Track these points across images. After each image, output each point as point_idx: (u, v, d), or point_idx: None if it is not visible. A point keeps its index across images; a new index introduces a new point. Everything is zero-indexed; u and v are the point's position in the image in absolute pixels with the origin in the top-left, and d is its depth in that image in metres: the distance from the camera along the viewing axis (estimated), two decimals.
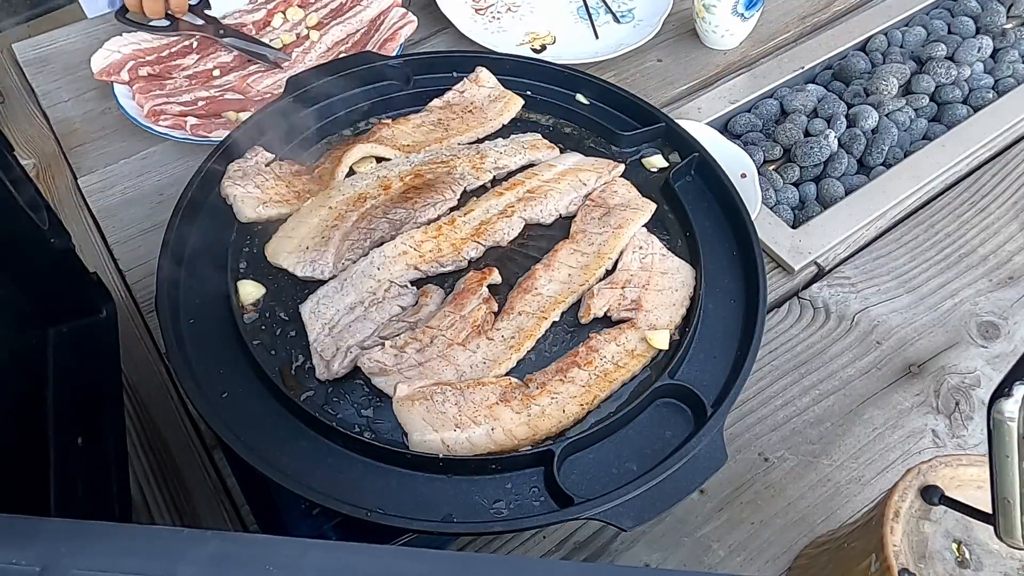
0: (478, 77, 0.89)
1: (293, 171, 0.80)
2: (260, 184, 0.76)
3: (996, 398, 0.46)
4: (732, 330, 0.70)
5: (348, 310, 0.69)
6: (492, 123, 0.85)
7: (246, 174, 0.77)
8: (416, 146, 0.82)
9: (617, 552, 0.75)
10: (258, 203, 0.75)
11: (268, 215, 0.75)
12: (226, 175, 0.76)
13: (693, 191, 0.80)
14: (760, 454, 0.81)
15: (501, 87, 0.89)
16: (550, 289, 0.71)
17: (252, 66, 1.16)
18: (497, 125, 0.85)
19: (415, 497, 0.59)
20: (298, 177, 0.79)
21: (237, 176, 0.76)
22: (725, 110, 1.14)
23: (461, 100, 0.88)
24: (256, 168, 0.78)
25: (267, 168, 0.78)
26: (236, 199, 0.74)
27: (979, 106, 1.14)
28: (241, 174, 0.77)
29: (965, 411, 0.84)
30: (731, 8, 1.17)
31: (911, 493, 0.58)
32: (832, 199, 1.04)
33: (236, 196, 0.75)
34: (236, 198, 0.75)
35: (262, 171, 0.78)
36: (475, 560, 0.40)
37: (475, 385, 0.63)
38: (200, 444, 0.83)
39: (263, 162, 0.79)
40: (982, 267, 0.97)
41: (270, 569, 0.36)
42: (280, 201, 0.76)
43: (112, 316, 0.81)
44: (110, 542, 0.37)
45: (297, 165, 0.81)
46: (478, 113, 0.86)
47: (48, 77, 1.21)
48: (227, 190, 0.75)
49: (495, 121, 0.85)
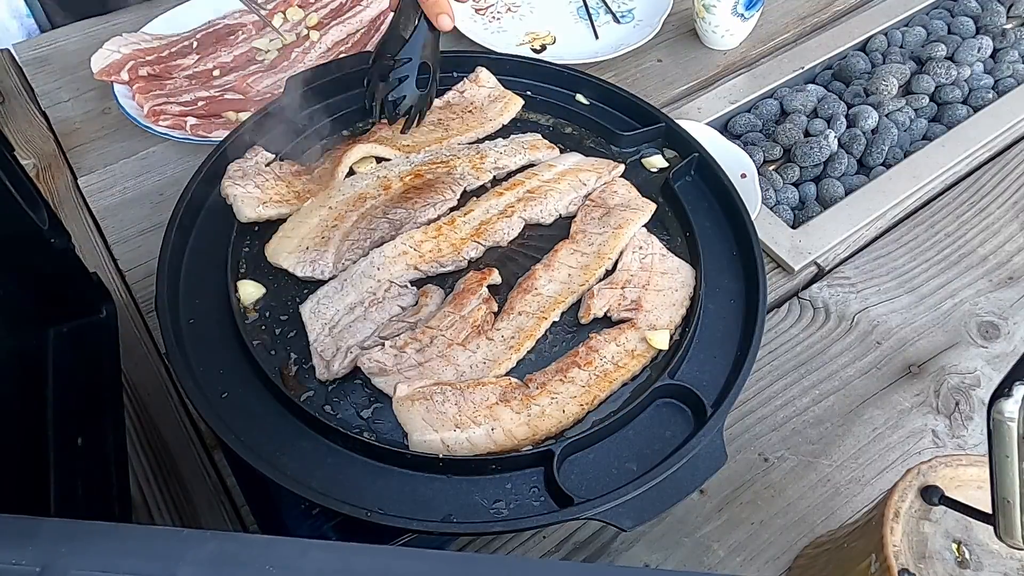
0: (478, 77, 0.89)
1: (293, 171, 0.80)
2: (260, 184, 0.76)
3: (996, 398, 0.46)
4: (732, 330, 0.70)
5: (348, 310, 0.69)
6: (492, 123, 0.85)
7: (246, 174, 0.77)
8: (416, 146, 0.82)
9: (617, 552, 0.75)
10: (258, 203, 0.75)
11: (268, 215, 0.75)
12: (226, 175, 0.76)
13: (693, 191, 0.80)
14: (760, 454, 0.81)
15: (501, 87, 0.89)
16: (550, 289, 0.71)
17: (252, 66, 1.16)
18: (497, 125, 0.85)
19: (415, 497, 0.59)
20: (298, 177, 0.79)
21: (237, 176, 0.76)
22: (725, 110, 1.14)
23: (461, 100, 0.88)
24: (256, 168, 0.78)
25: (267, 168, 0.78)
26: (236, 199, 0.74)
27: (979, 106, 1.14)
28: (241, 174, 0.77)
29: (965, 411, 0.84)
30: (731, 8, 1.17)
31: (911, 493, 0.58)
32: (832, 199, 1.04)
33: (236, 196, 0.75)
34: (236, 198, 0.74)
35: (262, 171, 0.78)
36: (475, 560, 0.40)
37: (475, 385, 0.63)
38: (200, 444, 0.83)
39: (263, 162, 0.79)
40: (982, 267, 0.97)
41: (270, 569, 0.36)
42: (280, 201, 0.76)
43: (112, 316, 0.81)
44: (110, 542, 0.37)
45: (297, 165, 0.81)
46: (478, 113, 0.86)
47: (48, 77, 1.21)
48: (227, 190, 0.75)
49: (495, 121, 0.85)
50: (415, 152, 0.82)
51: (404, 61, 0.81)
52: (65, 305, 0.76)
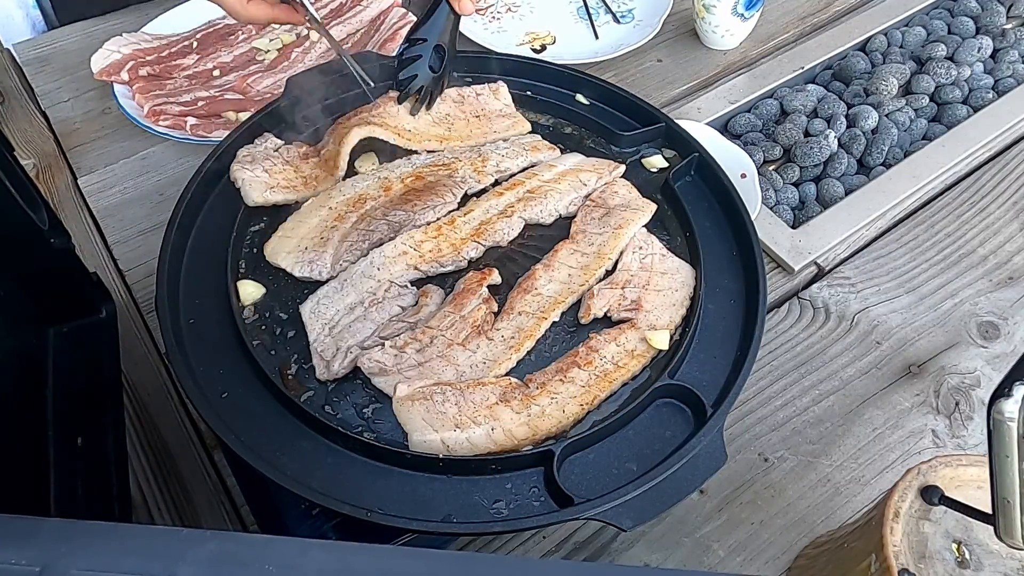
0: (497, 90, 0.88)
1: (301, 154, 0.80)
2: (268, 169, 0.77)
3: (996, 398, 0.46)
4: (732, 330, 0.70)
5: (348, 310, 0.69)
6: (494, 135, 0.85)
7: (255, 159, 0.77)
8: (416, 135, 0.81)
9: (617, 552, 0.75)
10: (265, 188, 0.75)
11: (275, 200, 0.76)
12: (236, 159, 0.77)
13: (693, 191, 0.80)
14: (760, 454, 0.81)
15: (514, 108, 0.88)
16: (550, 289, 0.71)
17: (252, 66, 1.16)
18: (497, 140, 0.85)
19: (415, 497, 0.59)
20: (305, 161, 0.80)
21: (246, 160, 0.77)
22: (725, 110, 1.14)
23: (474, 103, 0.87)
24: (265, 153, 0.79)
25: (275, 153, 0.79)
26: (244, 183, 0.75)
27: (979, 106, 1.14)
28: (250, 159, 0.77)
29: (965, 411, 0.84)
30: (731, 8, 1.17)
31: (911, 493, 0.58)
32: (832, 199, 1.04)
33: (244, 180, 0.75)
34: (244, 182, 0.75)
35: (271, 156, 0.78)
36: (475, 560, 0.40)
37: (475, 385, 0.63)
38: (200, 444, 0.83)
39: (272, 147, 0.80)
40: (982, 267, 0.97)
41: (270, 569, 0.36)
42: (287, 187, 0.77)
43: (112, 316, 0.81)
44: (110, 542, 0.37)
45: (305, 147, 0.81)
46: (484, 123, 0.85)
47: (48, 77, 1.21)
48: (235, 174, 0.76)
49: (498, 135, 0.85)
50: (414, 140, 0.81)
51: (419, 41, 0.80)
52: (65, 305, 0.76)
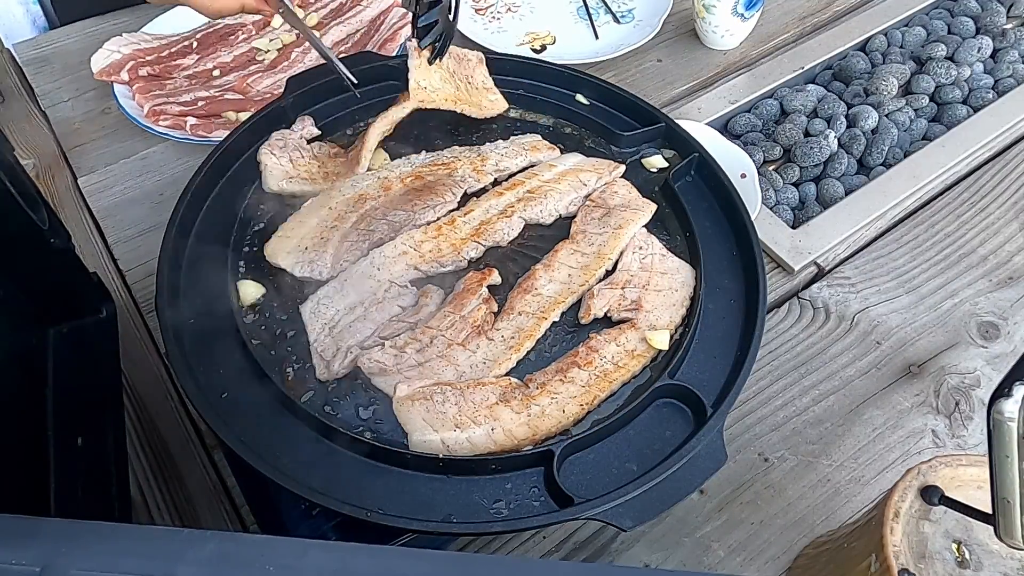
0: (480, 62, 0.87)
1: (331, 152, 0.80)
2: (294, 159, 0.77)
3: (996, 398, 0.46)
4: (732, 330, 0.70)
5: (348, 310, 0.69)
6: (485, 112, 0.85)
7: (286, 145, 0.77)
8: (430, 97, 0.80)
9: (617, 552, 0.75)
10: (284, 177, 0.76)
11: (291, 190, 0.76)
12: (267, 141, 0.77)
13: (693, 191, 0.80)
14: (760, 454, 0.81)
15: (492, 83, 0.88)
16: (550, 289, 0.71)
17: (252, 66, 1.16)
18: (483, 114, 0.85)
19: (415, 497, 0.59)
20: (333, 160, 0.80)
21: (277, 145, 0.77)
22: (725, 110, 1.14)
23: (467, 68, 0.87)
24: (297, 142, 0.78)
25: (308, 145, 0.79)
26: (266, 168, 0.76)
27: (979, 106, 1.14)
28: (282, 144, 0.77)
29: (965, 411, 0.84)
30: (731, 8, 1.17)
31: (911, 493, 0.58)
32: (832, 199, 1.04)
33: (266, 166, 0.76)
34: (266, 167, 0.76)
35: (301, 147, 0.78)
36: (475, 560, 0.40)
37: (475, 385, 0.63)
38: (200, 444, 0.83)
39: (307, 137, 0.80)
40: (982, 267, 0.97)
41: (270, 569, 0.36)
42: (307, 179, 0.77)
43: (112, 316, 0.81)
44: (110, 542, 0.37)
45: (338, 147, 0.81)
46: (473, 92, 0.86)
47: (48, 77, 1.21)
48: (262, 156, 0.76)
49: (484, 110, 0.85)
50: (430, 101, 0.80)
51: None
52: (65, 305, 0.76)
